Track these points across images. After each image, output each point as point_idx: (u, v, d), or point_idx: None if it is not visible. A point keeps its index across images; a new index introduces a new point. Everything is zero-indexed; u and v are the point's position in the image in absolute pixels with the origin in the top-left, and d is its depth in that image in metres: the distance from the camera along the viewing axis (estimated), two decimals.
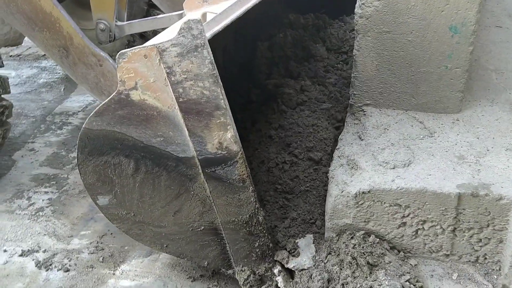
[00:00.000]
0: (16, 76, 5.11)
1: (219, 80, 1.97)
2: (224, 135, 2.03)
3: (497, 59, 3.14)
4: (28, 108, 4.49)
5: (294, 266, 2.31)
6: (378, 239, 2.34)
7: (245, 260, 2.32)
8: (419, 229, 2.32)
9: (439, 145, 2.49)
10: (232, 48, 3.63)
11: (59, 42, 2.66)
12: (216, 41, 3.51)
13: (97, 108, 2.10)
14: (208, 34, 2.08)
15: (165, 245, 2.38)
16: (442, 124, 2.65)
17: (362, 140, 2.56)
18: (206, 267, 2.46)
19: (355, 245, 2.31)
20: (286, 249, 2.36)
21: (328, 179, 2.49)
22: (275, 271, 2.31)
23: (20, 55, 5.61)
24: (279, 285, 2.31)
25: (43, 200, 3.32)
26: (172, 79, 1.98)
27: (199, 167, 2.11)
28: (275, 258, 2.32)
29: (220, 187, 2.14)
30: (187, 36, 1.91)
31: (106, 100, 2.07)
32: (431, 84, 2.66)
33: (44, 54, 5.37)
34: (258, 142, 2.88)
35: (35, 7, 2.57)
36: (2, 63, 3.20)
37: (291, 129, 2.87)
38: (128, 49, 1.99)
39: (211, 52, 1.94)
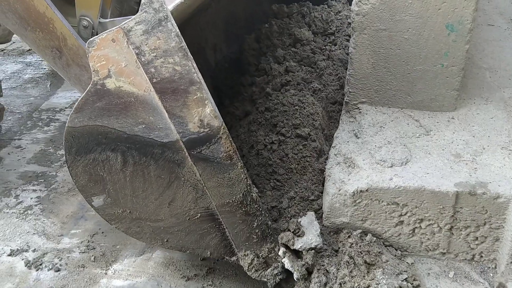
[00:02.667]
0: (0, 72, 4.99)
1: (189, 53, 1.93)
2: (203, 111, 1.98)
3: (490, 58, 3.15)
4: (13, 104, 4.39)
5: (301, 246, 2.25)
6: (375, 238, 2.33)
7: (247, 243, 2.26)
8: (416, 227, 2.32)
9: (435, 143, 2.49)
10: (224, 46, 3.61)
11: (52, 43, 2.58)
12: (206, 41, 3.52)
13: (76, 104, 2.06)
14: (171, 6, 2.04)
15: (165, 240, 2.33)
16: (437, 122, 2.65)
17: (358, 138, 2.55)
18: (209, 257, 2.40)
19: (352, 244, 2.30)
20: (289, 230, 2.30)
21: (318, 153, 2.51)
22: (280, 252, 2.26)
23: (4, 50, 5.49)
24: (286, 266, 2.24)
25: (31, 198, 3.25)
26: (143, 59, 1.94)
27: (185, 150, 2.06)
28: (280, 241, 2.26)
29: (209, 169, 2.09)
30: (149, 11, 1.87)
31: (83, 94, 2.03)
32: (427, 82, 2.66)
33: (29, 49, 5.27)
34: (248, 129, 2.85)
35: (28, 6, 2.50)
36: None
37: (276, 109, 2.85)
38: (96, 36, 1.94)
39: (175, 24, 1.90)
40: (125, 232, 2.35)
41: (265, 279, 2.28)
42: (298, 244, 2.25)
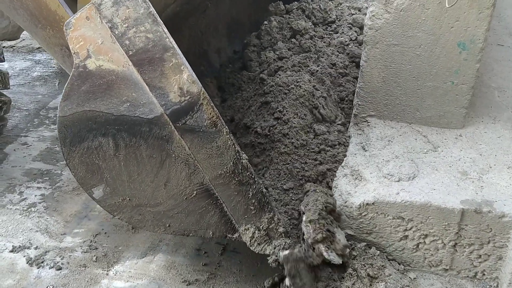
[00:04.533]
0: (9, 68, 5.01)
1: (158, 18, 1.94)
2: (181, 78, 1.99)
3: (499, 77, 3.17)
4: (21, 101, 4.41)
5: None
6: (379, 251, 2.33)
7: (246, 216, 2.22)
8: (420, 242, 2.32)
9: (442, 160, 2.50)
10: (228, 50, 3.67)
11: (62, 41, 2.60)
12: (209, 44, 3.56)
13: (63, 91, 2.07)
14: None
15: (167, 225, 2.31)
16: (445, 139, 2.66)
17: (366, 151, 2.56)
18: (212, 238, 2.36)
19: (356, 256, 2.30)
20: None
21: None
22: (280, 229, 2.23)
23: (13, 46, 5.52)
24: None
25: (35, 195, 3.25)
26: (116, 32, 1.94)
27: (171, 123, 2.05)
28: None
29: (196, 140, 2.08)
30: None
31: (68, 80, 2.04)
32: (436, 98, 2.68)
33: (39, 47, 5.29)
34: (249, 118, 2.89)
35: (39, 4, 2.52)
36: (4, 57, 3.13)
37: (271, 91, 2.87)
38: (71, 17, 1.96)
39: None
40: (128, 222, 2.34)
41: (268, 252, 2.24)
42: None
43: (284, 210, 2.40)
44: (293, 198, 2.44)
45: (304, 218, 2.21)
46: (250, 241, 2.24)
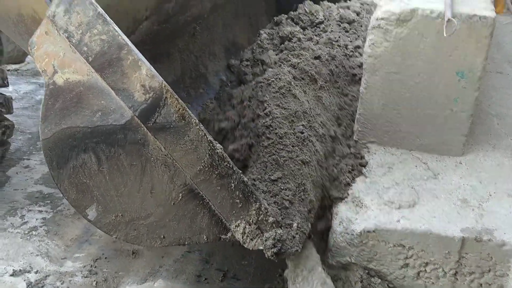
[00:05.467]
0: (13, 91, 5.05)
1: (108, 18, 1.93)
2: (141, 74, 1.96)
3: (498, 105, 3.21)
4: (24, 124, 4.44)
5: None
6: (379, 280, 2.33)
7: (234, 212, 2.15)
8: (421, 271, 2.32)
9: (443, 187, 2.51)
10: (227, 72, 3.75)
11: None
12: (206, 68, 3.61)
13: (40, 114, 2.09)
14: None
15: (162, 236, 2.27)
16: (445, 166, 2.68)
17: (366, 177, 2.57)
18: (207, 242, 2.29)
19: (356, 282, 2.30)
20: None
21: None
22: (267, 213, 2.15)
23: (18, 70, 5.58)
24: None
25: (36, 219, 3.26)
26: (74, 41, 1.95)
27: (142, 125, 2.03)
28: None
29: (169, 137, 2.04)
30: None
31: (43, 101, 2.06)
32: (436, 126, 2.70)
33: None
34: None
35: None
36: (8, 82, 3.17)
37: (256, 87, 2.88)
38: (33, 35, 1.98)
39: None
40: (125, 240, 2.32)
41: (261, 247, 2.16)
42: None
43: (274, 200, 2.33)
44: (282, 188, 2.37)
45: None
46: (242, 237, 2.17)
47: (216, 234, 2.24)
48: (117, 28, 1.93)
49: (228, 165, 2.08)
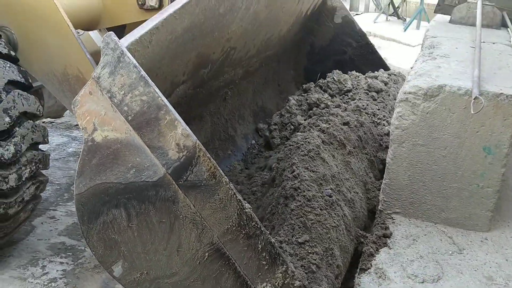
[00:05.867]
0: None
1: (149, 80, 2.00)
2: (176, 133, 2.00)
3: None
4: (54, 175, 4.55)
5: None
6: None
7: (260, 274, 2.13)
8: None
9: (468, 263, 2.47)
10: (255, 136, 3.87)
11: None
12: (235, 130, 3.70)
13: (76, 169, 2.13)
14: (126, 42, 2.15)
15: None
16: (471, 241, 2.64)
17: (390, 249, 2.55)
18: None
19: None
20: None
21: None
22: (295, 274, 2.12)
23: (52, 122, 5.78)
24: None
25: (57, 270, 3.27)
26: (115, 101, 2.02)
27: (174, 182, 2.06)
28: None
29: (199, 196, 2.06)
30: (108, 52, 2.00)
31: (80, 156, 2.11)
32: (462, 200, 2.69)
33: (76, 124, 5.54)
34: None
35: None
36: (48, 139, 3.30)
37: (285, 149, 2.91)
38: (77, 95, 2.06)
39: (132, 57, 2.01)
40: None
41: None
42: None
43: (301, 264, 2.33)
44: (309, 251, 2.37)
45: None
46: None
47: None
48: (157, 90, 2.03)
49: (256, 225, 2.09)
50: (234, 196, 2.06)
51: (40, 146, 3.23)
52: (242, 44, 3.53)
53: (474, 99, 2.40)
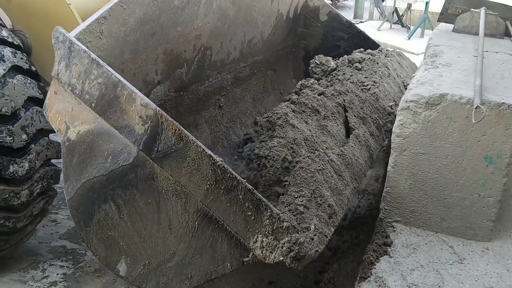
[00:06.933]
0: None
1: (101, 61, 1.98)
2: (136, 106, 1.98)
3: None
4: None
5: None
6: None
7: (248, 227, 2.06)
8: None
9: (468, 273, 2.46)
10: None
11: None
12: (240, 137, 3.68)
13: (62, 175, 2.14)
14: (74, 32, 2.16)
15: (190, 276, 2.20)
16: (472, 251, 2.63)
17: (391, 257, 2.54)
18: (232, 270, 2.17)
19: None
20: None
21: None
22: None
23: None
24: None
25: (57, 274, 3.28)
26: (77, 92, 2.02)
27: (148, 158, 2.03)
28: None
29: (173, 163, 2.02)
30: (60, 46, 2.02)
31: (62, 161, 2.12)
32: (463, 209, 2.68)
33: None
34: None
35: None
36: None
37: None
38: (45, 99, 2.08)
39: (80, 44, 2.01)
40: None
41: (282, 256, 2.03)
42: None
43: (288, 209, 2.25)
44: (295, 196, 2.31)
45: None
46: (262, 252, 2.06)
47: (238, 258, 2.15)
48: (109, 68, 2.00)
49: (232, 176, 2.03)
50: (204, 152, 2.01)
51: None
52: (218, 45, 3.52)
53: (475, 108, 2.40)
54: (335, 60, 3.91)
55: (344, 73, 3.63)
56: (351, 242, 3.39)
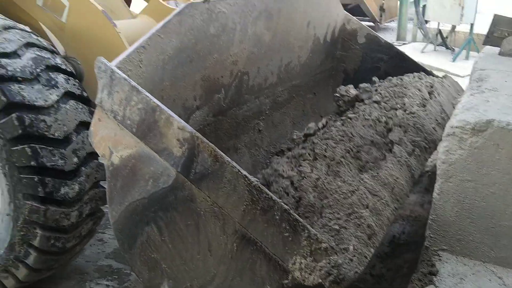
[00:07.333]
0: None
1: (140, 87, 2.05)
2: (174, 129, 2.03)
3: None
4: None
5: None
6: None
7: (286, 248, 2.03)
8: None
9: None
10: None
11: None
12: None
13: (107, 198, 2.20)
14: (115, 62, 2.22)
15: None
16: None
17: (436, 287, 2.49)
18: None
19: None
20: None
21: None
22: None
23: None
24: None
25: None
26: (119, 118, 2.09)
27: (186, 179, 2.06)
28: None
29: (210, 184, 2.03)
30: (102, 75, 2.10)
31: (107, 186, 2.18)
32: None
33: None
34: None
35: None
36: None
37: None
38: (90, 126, 2.17)
39: (122, 72, 2.09)
40: None
41: (321, 279, 1.98)
42: None
43: (323, 230, 2.21)
44: (330, 218, 2.28)
45: None
46: (301, 274, 2.01)
47: (278, 281, 2.11)
48: (147, 94, 2.09)
49: (267, 196, 2.02)
50: (239, 173, 2.02)
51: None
52: (255, 70, 3.57)
53: None
54: (380, 81, 3.91)
55: (382, 95, 3.62)
56: (395, 270, 3.33)
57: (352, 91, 3.63)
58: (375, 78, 3.97)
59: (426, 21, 12.64)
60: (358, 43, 4.63)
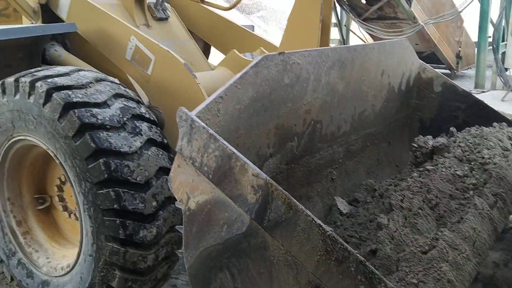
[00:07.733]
0: None
1: (217, 135, 2.08)
2: (249, 176, 2.02)
3: None
4: None
5: None
6: None
7: None
8: None
9: None
10: None
11: None
12: None
13: (183, 245, 2.22)
14: (195, 111, 2.29)
15: None
16: None
17: None
18: None
19: None
20: None
21: None
22: None
23: None
24: None
25: None
26: (197, 165, 2.12)
27: (259, 227, 2.03)
28: None
29: (285, 233, 1.99)
30: (182, 124, 2.17)
31: (183, 231, 2.20)
32: None
33: None
34: None
35: None
36: None
37: None
38: (170, 172, 2.23)
39: (200, 120, 2.15)
40: None
41: None
42: None
43: (400, 284, 2.15)
44: (407, 271, 2.21)
45: None
46: None
47: None
48: (224, 141, 2.14)
49: (342, 247, 1.96)
50: (313, 221, 1.99)
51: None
52: (328, 118, 3.58)
53: None
54: (458, 133, 3.80)
55: (461, 148, 3.51)
56: None
57: (431, 142, 3.56)
58: (452, 129, 3.87)
59: (506, 69, 12.18)
60: (434, 92, 4.55)
